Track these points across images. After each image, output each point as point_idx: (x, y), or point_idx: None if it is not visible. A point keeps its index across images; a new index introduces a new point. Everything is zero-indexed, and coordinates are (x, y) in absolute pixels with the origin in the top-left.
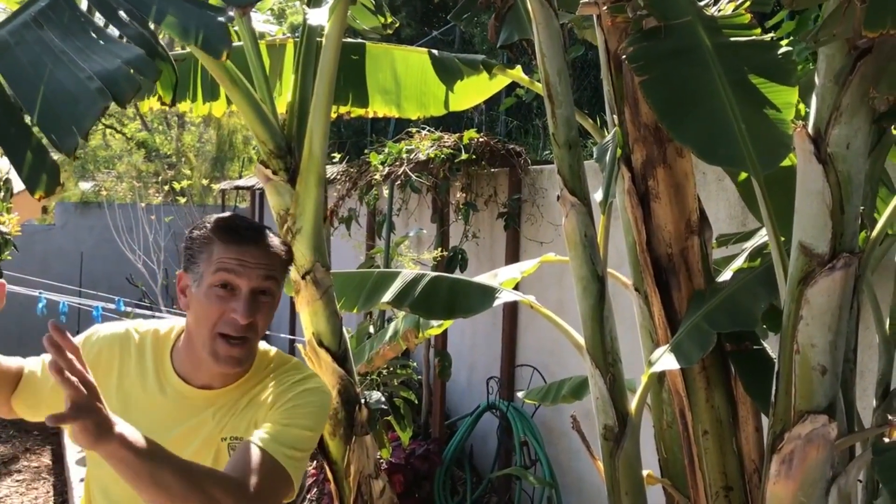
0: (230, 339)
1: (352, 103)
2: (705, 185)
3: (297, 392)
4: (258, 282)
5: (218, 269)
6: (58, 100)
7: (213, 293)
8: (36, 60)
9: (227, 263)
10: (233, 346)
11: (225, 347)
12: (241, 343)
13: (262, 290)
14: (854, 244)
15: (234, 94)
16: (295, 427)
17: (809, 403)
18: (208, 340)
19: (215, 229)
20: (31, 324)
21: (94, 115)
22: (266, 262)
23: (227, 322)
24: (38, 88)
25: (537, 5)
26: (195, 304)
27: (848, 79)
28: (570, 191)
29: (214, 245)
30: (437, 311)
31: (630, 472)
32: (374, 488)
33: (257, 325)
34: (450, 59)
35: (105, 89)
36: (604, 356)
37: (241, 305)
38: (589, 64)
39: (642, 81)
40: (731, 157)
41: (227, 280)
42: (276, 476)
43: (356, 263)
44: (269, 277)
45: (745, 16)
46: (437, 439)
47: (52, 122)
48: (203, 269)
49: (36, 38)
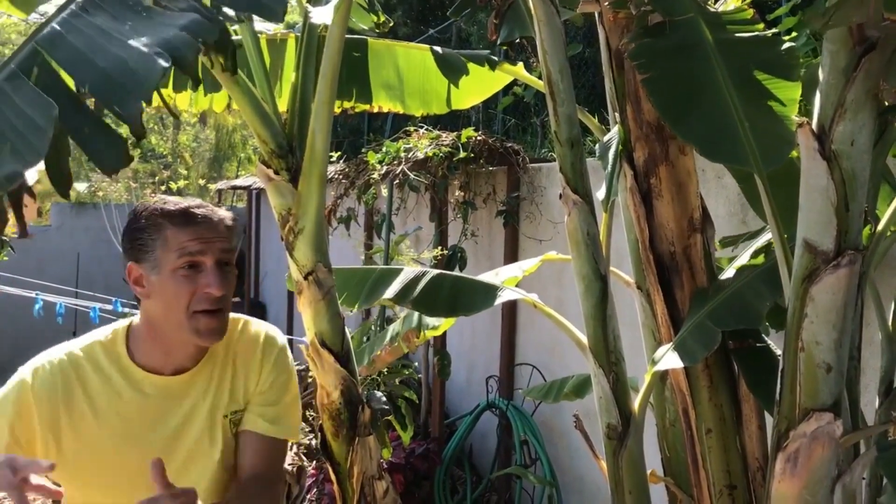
0: (209, 314)
1: (356, 99)
2: (705, 183)
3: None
4: (220, 254)
5: (181, 253)
6: (116, 72)
7: (179, 275)
8: (90, 43)
9: (189, 245)
10: (212, 318)
11: (206, 321)
12: (220, 314)
13: (225, 261)
14: (858, 241)
15: (235, 92)
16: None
17: (814, 401)
18: (186, 321)
19: (165, 215)
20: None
21: (154, 79)
22: (222, 234)
23: (201, 298)
24: (95, 67)
25: (539, 2)
26: (160, 290)
27: (852, 75)
28: (573, 189)
29: (167, 230)
30: (439, 309)
31: (633, 470)
32: (377, 489)
33: (227, 294)
34: (453, 54)
35: (163, 52)
36: (607, 355)
37: (213, 279)
38: (586, 62)
39: (644, 78)
40: (734, 155)
41: (192, 261)
42: (285, 450)
43: (355, 263)
44: (228, 249)
45: (748, 11)
46: (436, 438)
47: (113, 95)
48: (160, 255)
49: (86, 23)
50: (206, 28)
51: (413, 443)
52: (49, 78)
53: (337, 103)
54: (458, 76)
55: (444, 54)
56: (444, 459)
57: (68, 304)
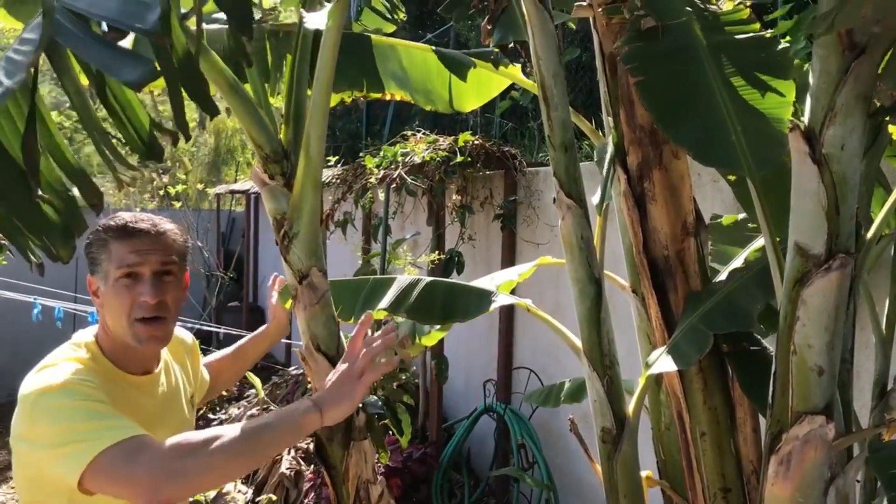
0: (146, 321)
1: (367, 89)
2: (700, 186)
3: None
4: (157, 266)
5: (119, 264)
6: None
7: (120, 285)
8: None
9: (126, 257)
10: (150, 326)
11: (143, 329)
12: (159, 322)
13: (164, 271)
14: (850, 244)
15: (231, 98)
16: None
17: (807, 404)
18: (128, 327)
19: (107, 230)
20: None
21: None
22: (160, 246)
23: (139, 306)
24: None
25: (532, 8)
26: (107, 300)
27: (842, 79)
28: (567, 193)
29: (111, 244)
30: (434, 316)
31: (628, 474)
32: (372, 493)
33: (167, 303)
34: (455, 52)
35: None
36: (601, 358)
37: (147, 288)
38: (583, 66)
39: (637, 82)
40: (726, 158)
41: (129, 271)
42: None
43: (352, 267)
44: (167, 261)
45: (744, 11)
46: (434, 442)
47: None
48: (106, 267)
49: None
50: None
51: (411, 447)
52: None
53: (347, 93)
54: (462, 72)
55: (447, 52)
56: (441, 463)
57: (67, 308)
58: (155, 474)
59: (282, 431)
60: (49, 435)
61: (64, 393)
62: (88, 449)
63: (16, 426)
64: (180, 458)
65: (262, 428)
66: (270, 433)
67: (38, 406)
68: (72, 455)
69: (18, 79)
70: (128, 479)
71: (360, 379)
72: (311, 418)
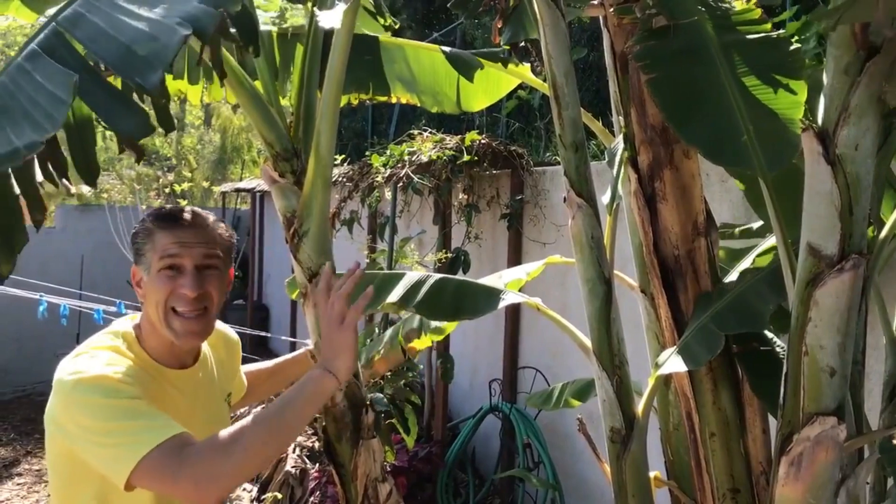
0: (184, 315)
1: (373, 91)
2: (709, 186)
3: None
4: (200, 259)
5: (162, 255)
6: (136, 44)
7: (162, 276)
8: (111, 20)
9: (169, 248)
10: (188, 320)
11: (181, 323)
12: (197, 317)
13: (207, 265)
14: (862, 245)
15: (241, 95)
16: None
17: (818, 405)
18: (164, 318)
19: (154, 219)
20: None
21: (174, 48)
22: (204, 239)
23: (177, 297)
24: (116, 42)
25: (544, 6)
26: (148, 290)
27: (857, 79)
28: (577, 192)
29: (156, 234)
30: (443, 313)
31: (637, 474)
32: (380, 492)
33: (210, 295)
34: (463, 52)
35: (183, 21)
36: (611, 358)
37: (188, 280)
38: (591, 66)
39: (649, 80)
40: (738, 158)
41: (172, 262)
42: None
43: None
44: (210, 254)
45: (755, 11)
46: (439, 442)
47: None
48: (150, 258)
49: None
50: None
51: (416, 446)
52: (69, 55)
53: (354, 95)
54: (471, 72)
55: (454, 52)
56: (446, 462)
57: (72, 306)
58: (200, 481)
59: (304, 404)
60: (87, 429)
61: (98, 388)
62: (131, 452)
63: (51, 409)
64: (220, 461)
65: (283, 408)
66: (292, 410)
67: (74, 397)
68: (115, 458)
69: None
70: (174, 484)
71: (342, 324)
72: (326, 381)
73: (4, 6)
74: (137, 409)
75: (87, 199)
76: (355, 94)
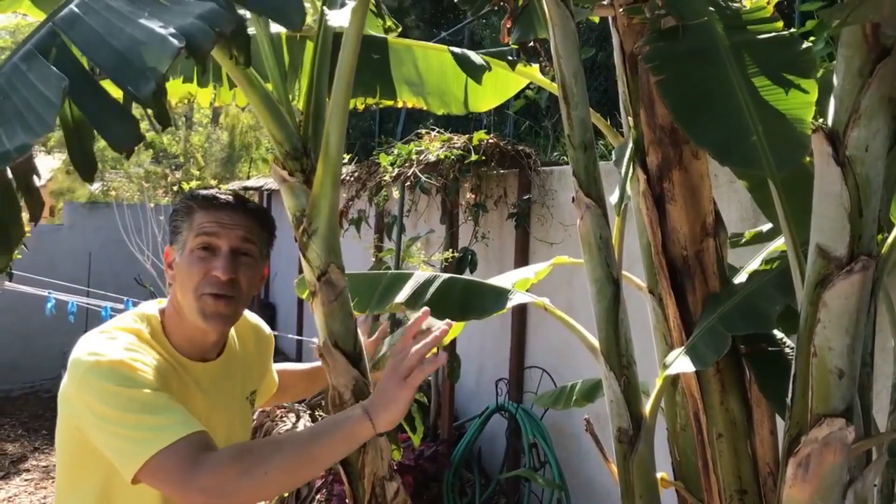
0: (215, 296)
1: (380, 95)
2: (717, 188)
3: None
4: (237, 242)
5: (199, 233)
6: (130, 53)
7: (195, 256)
8: (107, 24)
9: (207, 226)
10: (218, 301)
11: (210, 304)
12: (227, 301)
13: (242, 250)
14: (872, 247)
15: (251, 94)
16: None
17: (826, 407)
18: (194, 302)
19: (194, 198)
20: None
21: (166, 60)
22: (243, 223)
23: (209, 281)
24: (110, 47)
25: (554, 6)
26: (180, 271)
27: (867, 80)
28: (586, 192)
29: (195, 213)
30: (451, 312)
31: (644, 474)
32: (388, 490)
33: (240, 283)
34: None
35: (178, 34)
36: (618, 359)
37: (222, 263)
38: (598, 66)
39: (658, 81)
40: (747, 159)
41: (207, 242)
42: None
43: (366, 265)
44: (248, 239)
45: (767, 9)
46: (445, 441)
47: (126, 74)
48: (185, 236)
49: (104, 5)
50: (223, 18)
51: (422, 445)
52: (65, 57)
53: (360, 99)
54: (479, 74)
55: (463, 53)
56: (452, 461)
57: (80, 303)
58: (210, 493)
59: (337, 442)
60: (100, 416)
61: (114, 374)
62: (144, 447)
63: (64, 388)
64: (237, 478)
65: (315, 441)
66: (323, 447)
67: (88, 380)
68: (126, 451)
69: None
70: (181, 488)
71: (405, 380)
72: (362, 427)
73: (17, 3)
74: (155, 402)
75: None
76: (362, 99)
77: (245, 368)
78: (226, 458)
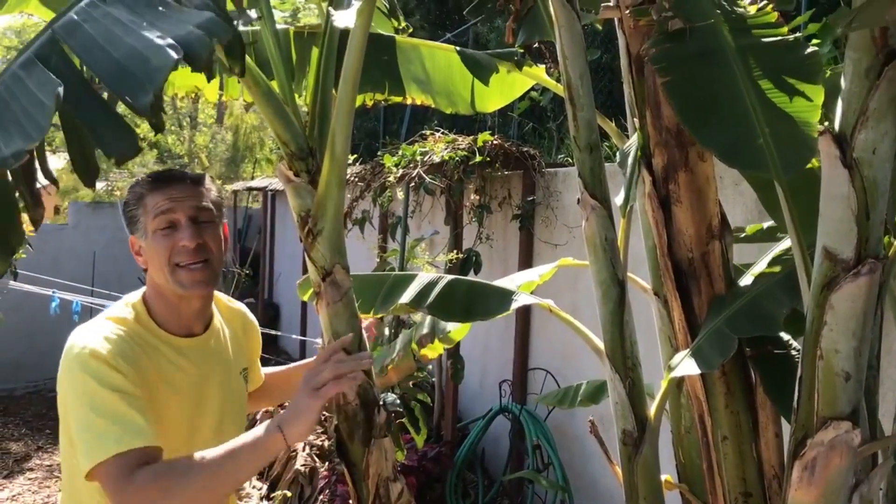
0: (189, 266)
1: (388, 91)
2: (722, 189)
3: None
4: (193, 211)
5: (156, 214)
6: (129, 62)
7: (159, 235)
8: (106, 32)
9: (162, 205)
10: (193, 270)
11: (186, 274)
12: (202, 267)
13: (201, 218)
14: (879, 249)
15: (256, 94)
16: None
17: (832, 410)
18: (170, 276)
19: (142, 184)
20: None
21: (165, 71)
22: (193, 192)
23: (178, 252)
24: (109, 55)
25: (560, 7)
26: (150, 254)
27: (875, 83)
28: (591, 194)
29: (146, 197)
30: (455, 314)
31: (648, 477)
32: (392, 491)
33: (208, 244)
34: (479, 53)
35: (176, 45)
36: (623, 361)
37: (186, 233)
38: (603, 68)
39: (665, 83)
40: (753, 161)
41: (166, 220)
42: None
43: (369, 265)
44: (202, 207)
45: (773, 14)
46: (449, 442)
47: (124, 83)
48: (144, 221)
49: (104, 13)
50: (221, 28)
51: (426, 446)
52: (64, 65)
53: (369, 95)
54: (486, 74)
55: (470, 53)
56: (456, 463)
57: (84, 302)
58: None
59: (250, 458)
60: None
61: (87, 367)
62: (95, 451)
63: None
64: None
65: (229, 458)
66: (236, 463)
67: (70, 368)
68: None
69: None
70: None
71: (317, 392)
72: (274, 441)
73: (24, 2)
74: (115, 407)
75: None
76: (370, 95)
77: (234, 345)
78: (151, 476)
